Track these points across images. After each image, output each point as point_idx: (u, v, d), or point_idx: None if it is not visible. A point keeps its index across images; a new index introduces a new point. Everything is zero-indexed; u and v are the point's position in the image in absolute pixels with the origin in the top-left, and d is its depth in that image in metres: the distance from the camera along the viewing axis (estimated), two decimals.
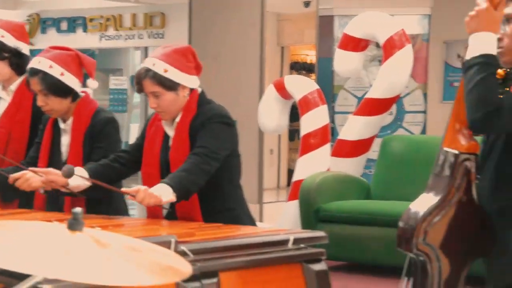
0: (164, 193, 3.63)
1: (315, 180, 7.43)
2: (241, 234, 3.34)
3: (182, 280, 2.81)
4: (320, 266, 3.31)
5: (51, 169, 3.98)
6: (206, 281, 2.90)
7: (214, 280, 2.93)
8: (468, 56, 3.08)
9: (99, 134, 4.14)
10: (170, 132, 3.96)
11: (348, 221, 7.32)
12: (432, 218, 3.17)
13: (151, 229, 3.60)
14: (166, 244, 2.79)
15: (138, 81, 3.90)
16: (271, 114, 8.34)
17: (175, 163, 3.83)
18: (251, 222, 3.97)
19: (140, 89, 3.93)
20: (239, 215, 3.89)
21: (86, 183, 3.93)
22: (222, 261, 3.00)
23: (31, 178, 3.98)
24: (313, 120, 8.07)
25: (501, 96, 3.05)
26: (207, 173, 3.74)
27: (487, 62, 3.03)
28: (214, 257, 2.99)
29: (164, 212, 3.94)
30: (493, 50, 3.06)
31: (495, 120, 2.96)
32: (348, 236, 7.33)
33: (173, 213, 3.89)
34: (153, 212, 3.91)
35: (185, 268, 2.11)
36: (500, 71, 7.01)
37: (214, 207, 3.84)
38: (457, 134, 3.19)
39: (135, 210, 8.63)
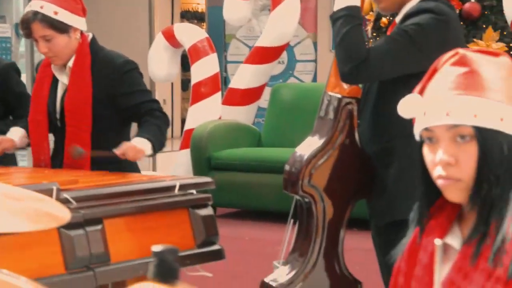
0: (145, 147, 3.61)
1: (206, 128, 7.44)
2: (126, 181, 3.32)
3: (64, 227, 2.80)
4: (207, 211, 3.32)
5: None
6: (90, 228, 2.87)
7: (99, 227, 2.90)
8: (335, 8, 3.13)
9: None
10: (63, 78, 3.85)
11: (239, 169, 7.38)
12: (316, 161, 3.22)
13: (33, 177, 3.54)
14: (47, 192, 2.74)
15: (26, 26, 3.76)
16: (160, 63, 8.27)
17: (73, 111, 3.74)
18: (137, 170, 3.94)
19: (28, 34, 3.79)
20: (125, 166, 3.84)
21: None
22: (106, 208, 2.98)
23: None
24: (203, 69, 8.04)
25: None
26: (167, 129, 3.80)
27: (351, 14, 3.08)
28: (98, 204, 2.96)
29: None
30: (357, 1, 3.11)
31: (363, 72, 3.03)
32: (239, 183, 7.39)
33: (60, 165, 3.82)
34: (39, 163, 3.84)
35: (64, 214, 2.07)
36: (384, 19, 7.08)
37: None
38: (340, 79, 3.23)
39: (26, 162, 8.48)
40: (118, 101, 3.76)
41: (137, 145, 3.61)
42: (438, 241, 1.37)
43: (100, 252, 2.89)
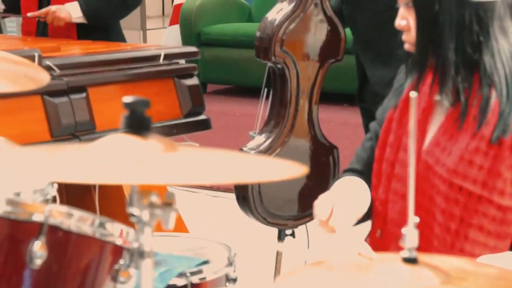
0: (73, 10, 3.56)
1: (195, 2, 7.33)
2: (110, 49, 3.29)
3: (48, 94, 2.79)
4: (192, 81, 3.31)
5: None
6: (74, 96, 2.87)
7: (83, 95, 2.90)
8: None
9: None
10: None
11: (229, 44, 7.32)
12: (288, 25, 3.19)
13: (16, 44, 3.51)
14: (29, 58, 2.71)
15: None
16: None
17: None
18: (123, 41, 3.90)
19: None
20: (111, 36, 3.79)
21: None
22: (90, 76, 2.96)
23: None
24: None
25: None
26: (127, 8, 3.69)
27: None
28: (81, 72, 2.95)
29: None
30: None
31: None
32: (230, 59, 7.35)
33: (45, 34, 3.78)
34: (27, 30, 3.80)
35: (43, 77, 2.06)
36: None
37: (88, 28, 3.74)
38: None
39: None
40: None
41: (62, 10, 3.55)
42: (413, 93, 1.37)
43: (85, 120, 2.89)
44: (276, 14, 3.24)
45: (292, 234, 3.36)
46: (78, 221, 1.52)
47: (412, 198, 1.37)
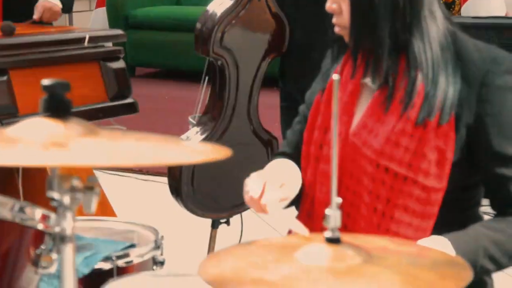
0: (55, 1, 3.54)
1: None
2: (34, 31, 3.23)
3: None
4: (118, 64, 3.28)
5: None
6: None
7: (4, 78, 2.84)
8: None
9: None
10: None
11: (157, 27, 7.27)
12: (230, 20, 3.15)
13: None
14: None
15: None
16: None
17: None
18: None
19: None
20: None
21: None
22: (12, 58, 2.91)
23: None
24: None
25: None
26: None
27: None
28: (3, 54, 2.89)
29: None
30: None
31: None
32: (158, 43, 7.30)
33: None
34: None
35: None
36: None
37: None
38: None
39: None
40: None
41: (49, 3, 3.53)
42: (335, 76, 1.38)
43: (7, 103, 2.84)
44: (218, 7, 3.18)
45: (227, 222, 3.35)
46: None
47: (335, 179, 1.38)
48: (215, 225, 3.32)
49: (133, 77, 6.96)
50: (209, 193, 3.21)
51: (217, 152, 1.24)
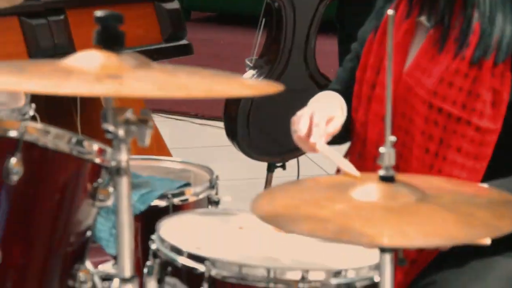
0: None
1: None
2: None
3: (25, 16, 2.76)
4: (173, 5, 3.27)
5: None
6: (52, 18, 2.83)
7: (61, 17, 2.86)
8: None
9: None
10: None
11: None
12: None
13: None
14: None
15: None
16: None
17: None
18: None
19: None
20: None
21: None
22: None
23: None
24: None
25: None
26: None
27: None
28: None
29: None
30: None
31: None
32: None
33: None
34: None
35: None
36: None
37: None
38: None
39: None
40: None
41: None
42: (390, 11, 1.35)
43: (64, 42, 2.86)
44: None
45: (283, 166, 3.36)
46: (55, 138, 1.51)
47: (389, 117, 1.37)
48: (270, 169, 3.32)
49: (188, 21, 6.95)
50: (264, 137, 3.21)
51: (269, 87, 1.23)
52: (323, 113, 1.88)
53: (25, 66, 1.32)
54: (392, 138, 1.36)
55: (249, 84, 1.23)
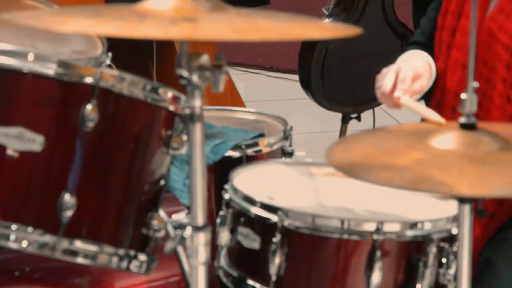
0: None
1: None
2: None
3: None
4: None
5: None
6: None
7: None
8: None
9: None
10: None
11: None
12: None
13: None
14: None
15: None
16: None
17: None
18: None
19: None
20: None
21: None
22: None
23: None
24: None
25: None
26: None
27: None
28: None
29: None
30: None
31: None
32: None
33: None
34: None
35: None
36: None
37: None
38: None
39: None
40: None
41: None
42: None
43: None
44: None
45: (358, 118, 3.32)
46: (130, 85, 1.50)
47: (473, 60, 1.32)
48: (345, 120, 3.29)
49: None
50: (339, 86, 3.17)
51: (346, 30, 1.19)
52: (410, 70, 1.83)
53: (100, 10, 1.30)
54: (475, 84, 1.32)
55: (326, 27, 1.20)
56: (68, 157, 1.46)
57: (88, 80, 1.46)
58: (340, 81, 3.18)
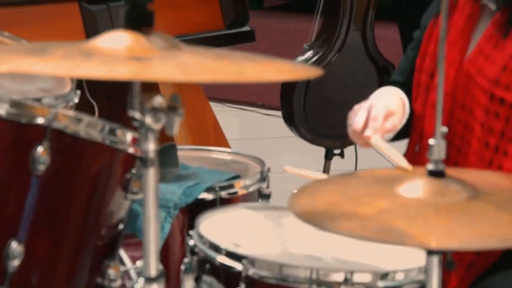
0: None
1: None
2: None
3: (86, 1, 2.73)
4: None
5: None
6: (113, 4, 2.80)
7: (121, 2, 2.80)
8: None
9: None
10: None
11: None
12: None
13: None
14: None
15: None
16: None
17: None
18: None
19: None
20: None
21: None
22: None
23: None
24: None
25: None
26: None
27: None
28: None
29: None
30: None
31: None
32: None
33: None
34: None
35: None
36: None
37: None
38: None
39: None
40: None
41: None
42: None
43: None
44: None
45: (341, 154, 3.26)
46: (87, 126, 1.43)
47: (440, 105, 1.25)
48: (328, 156, 3.24)
49: (261, 8, 6.86)
50: (321, 119, 3.14)
51: (306, 71, 1.12)
52: (382, 107, 1.76)
53: (47, 48, 1.23)
54: (443, 129, 1.25)
55: (283, 68, 1.13)
56: (17, 203, 1.39)
57: (40, 120, 1.39)
58: (322, 113, 3.14)
